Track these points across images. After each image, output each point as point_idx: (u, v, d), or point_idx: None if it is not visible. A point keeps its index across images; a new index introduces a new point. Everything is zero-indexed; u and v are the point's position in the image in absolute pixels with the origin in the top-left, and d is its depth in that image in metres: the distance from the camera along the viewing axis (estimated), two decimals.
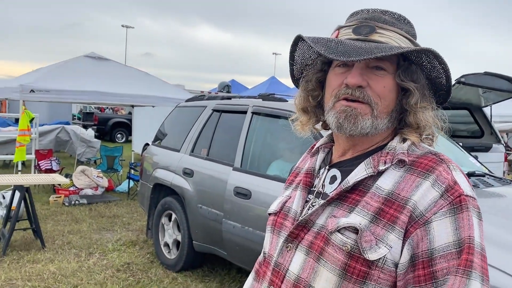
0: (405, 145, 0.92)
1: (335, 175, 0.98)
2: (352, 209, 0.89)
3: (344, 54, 0.85)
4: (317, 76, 1.00)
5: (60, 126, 10.57)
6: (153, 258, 4.50)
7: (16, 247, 4.56)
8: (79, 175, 7.53)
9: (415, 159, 0.90)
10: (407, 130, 0.94)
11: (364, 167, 0.92)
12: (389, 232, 0.84)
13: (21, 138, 6.66)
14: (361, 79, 0.89)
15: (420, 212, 0.83)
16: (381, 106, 0.91)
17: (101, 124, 16.95)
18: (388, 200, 0.86)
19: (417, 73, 0.93)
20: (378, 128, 0.92)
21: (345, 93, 0.91)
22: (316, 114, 1.03)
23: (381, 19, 0.93)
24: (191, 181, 3.98)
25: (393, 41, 0.91)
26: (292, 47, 1.00)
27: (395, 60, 0.92)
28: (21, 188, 4.56)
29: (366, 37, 0.91)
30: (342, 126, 0.91)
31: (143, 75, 8.75)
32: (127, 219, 6.04)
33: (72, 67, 7.70)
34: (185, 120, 4.51)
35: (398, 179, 0.88)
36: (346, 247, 0.85)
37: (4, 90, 7.19)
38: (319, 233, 0.90)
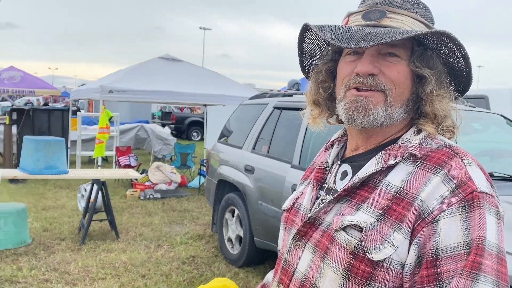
0: (417, 138, 0.86)
1: (346, 171, 0.93)
2: (359, 206, 0.84)
3: (352, 40, 0.80)
4: (327, 66, 0.96)
5: (139, 125, 11.22)
6: (217, 253, 4.62)
7: (94, 237, 4.92)
8: (154, 171, 7.94)
9: (428, 153, 0.84)
10: (423, 120, 0.87)
11: (375, 161, 0.86)
12: (395, 231, 0.78)
13: (100, 135, 7.18)
14: (371, 66, 0.84)
15: (428, 209, 0.77)
16: (395, 93, 0.85)
17: (178, 122, 17.74)
18: (396, 197, 0.81)
19: (433, 59, 0.86)
20: (393, 118, 0.86)
21: (356, 82, 0.86)
22: (329, 107, 0.98)
23: (393, 3, 0.87)
24: (252, 178, 4.02)
25: (405, 26, 0.85)
26: (300, 37, 0.96)
27: (409, 45, 0.86)
28: (98, 182, 4.90)
29: (376, 23, 0.85)
30: (353, 118, 0.86)
31: (213, 75, 9.00)
32: (196, 214, 6.25)
33: (148, 69, 8.13)
34: (247, 118, 4.57)
35: (408, 174, 0.82)
36: (350, 246, 0.81)
37: (87, 91, 7.79)
38: (326, 231, 0.86)
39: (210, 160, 5.11)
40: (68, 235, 4.97)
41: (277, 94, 4.53)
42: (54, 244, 4.64)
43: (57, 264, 4.10)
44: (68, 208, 6.17)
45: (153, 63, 8.47)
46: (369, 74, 0.84)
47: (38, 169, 4.55)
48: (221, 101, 8.23)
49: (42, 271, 3.93)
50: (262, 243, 3.90)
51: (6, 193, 6.86)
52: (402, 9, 0.86)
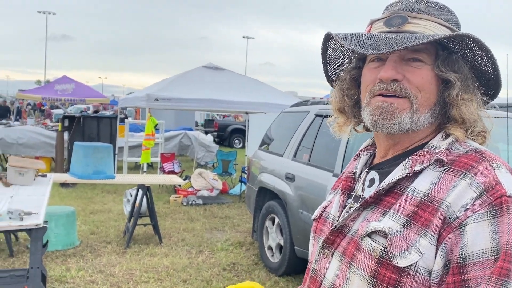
0: (444, 143, 0.84)
1: (374, 178, 0.92)
2: (386, 212, 0.83)
3: (374, 47, 0.79)
4: (351, 74, 0.95)
5: (183, 132, 11.46)
6: (257, 260, 4.62)
7: (138, 241, 5.05)
8: (197, 177, 8.08)
9: (456, 157, 0.82)
10: (451, 125, 0.86)
11: (402, 168, 0.85)
12: (421, 237, 0.77)
13: (146, 142, 7.40)
14: (394, 72, 0.83)
15: (454, 214, 0.75)
16: (421, 99, 0.84)
17: (220, 130, 17.97)
18: (423, 202, 0.79)
19: (458, 63, 0.85)
20: (420, 124, 0.85)
21: (379, 88, 0.85)
22: (354, 115, 0.97)
23: (415, 9, 0.86)
24: (292, 186, 4.00)
25: (428, 30, 0.84)
26: (323, 46, 0.96)
27: (433, 50, 0.85)
28: (143, 187, 5.04)
29: (398, 29, 0.85)
30: (378, 124, 0.85)
31: (255, 83, 9.07)
32: (237, 221, 6.29)
33: (192, 77, 8.32)
34: (288, 126, 4.56)
35: (434, 180, 0.80)
36: (376, 252, 0.79)
37: (134, 99, 8.06)
38: (352, 238, 0.86)
39: (251, 167, 5.14)
40: (114, 238, 5.14)
41: (318, 102, 4.50)
42: (101, 247, 4.80)
43: (103, 266, 4.24)
44: (115, 212, 6.38)
45: (197, 71, 8.65)
46: (393, 80, 0.83)
47: (87, 174, 4.74)
48: (263, 108, 8.27)
49: (89, 272, 4.08)
50: (303, 252, 3.86)
51: (57, 196, 7.19)
52: (425, 14, 0.86)
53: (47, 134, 9.55)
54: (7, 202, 3.21)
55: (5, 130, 9.51)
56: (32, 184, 3.94)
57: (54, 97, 13.74)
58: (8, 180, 3.88)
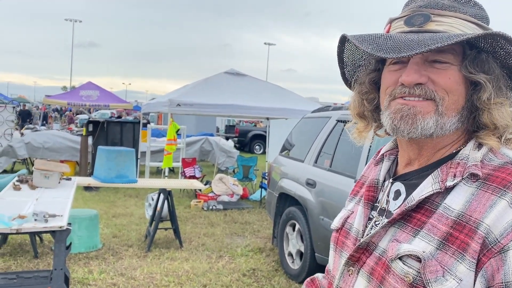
0: (479, 154, 0.77)
1: (399, 190, 0.85)
2: (417, 232, 0.77)
3: (394, 50, 0.73)
4: (370, 77, 0.90)
5: (204, 138, 11.54)
6: (277, 267, 4.59)
7: (159, 245, 5.09)
8: (217, 182, 8.11)
9: (491, 171, 0.75)
10: (483, 132, 0.79)
11: (431, 181, 0.79)
12: (458, 262, 0.71)
13: (168, 147, 7.47)
14: (417, 75, 0.77)
15: (494, 237, 0.69)
16: (448, 101, 0.77)
17: (241, 136, 18.02)
18: (458, 223, 0.73)
19: (488, 63, 0.78)
20: (445, 128, 0.78)
21: (401, 92, 0.79)
22: (375, 119, 0.91)
23: (439, 5, 0.79)
24: (313, 192, 3.96)
25: (454, 29, 0.77)
26: (339, 48, 0.89)
27: (460, 49, 0.78)
28: (165, 191, 5.08)
29: (420, 28, 0.78)
30: (398, 128, 0.79)
31: (276, 89, 9.07)
32: (257, 226, 6.27)
33: (213, 83, 8.38)
34: (310, 131, 4.53)
35: (469, 197, 0.74)
36: (408, 277, 0.73)
37: (157, 105, 8.17)
38: (380, 258, 0.80)
39: (271, 173, 5.12)
40: (135, 242, 5.19)
41: (340, 107, 4.46)
42: (122, 250, 4.86)
43: (124, 270, 4.28)
44: (136, 216, 6.45)
45: (218, 77, 8.71)
46: (416, 83, 0.77)
47: (110, 177, 4.81)
48: (284, 114, 8.25)
49: (110, 275, 4.12)
50: (324, 259, 3.81)
51: (81, 199, 7.32)
52: (450, 10, 0.78)
53: (72, 138, 9.77)
54: (33, 204, 3.28)
55: (32, 134, 9.77)
56: (57, 187, 4.02)
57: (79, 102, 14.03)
58: (34, 183, 3.97)
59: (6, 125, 10.02)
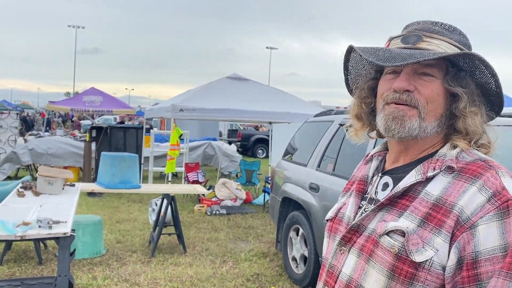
0: (454, 152, 0.94)
1: (387, 182, 1.02)
2: (401, 213, 0.92)
3: (390, 59, 0.90)
4: (369, 84, 1.06)
5: (207, 142, 11.55)
6: (281, 271, 4.58)
7: (163, 250, 5.09)
8: (221, 187, 8.11)
9: (464, 165, 0.92)
10: (456, 136, 0.96)
11: (415, 173, 0.95)
12: (436, 236, 0.87)
13: (171, 152, 7.48)
14: (407, 83, 0.93)
15: (466, 216, 0.85)
16: (428, 109, 0.94)
17: (244, 140, 18.03)
18: (436, 205, 0.89)
19: (466, 79, 0.95)
20: (427, 131, 0.95)
21: (393, 97, 0.95)
22: (370, 121, 1.08)
23: (430, 29, 0.97)
24: (317, 196, 3.96)
25: (439, 48, 0.94)
26: (345, 57, 1.07)
27: (444, 67, 0.95)
28: (168, 196, 5.09)
29: (413, 46, 0.95)
30: (390, 128, 0.95)
31: (279, 93, 9.08)
32: (261, 231, 6.27)
33: (216, 88, 8.40)
34: (312, 135, 4.53)
35: (446, 185, 0.91)
36: (394, 249, 0.89)
37: (160, 110, 8.19)
38: (370, 236, 0.95)
39: (274, 177, 5.12)
40: (139, 247, 5.19)
41: (343, 111, 4.46)
42: (126, 256, 4.86)
43: (128, 275, 4.28)
44: (140, 221, 6.46)
45: (221, 82, 8.73)
46: (405, 90, 0.93)
47: (113, 183, 4.82)
48: (286, 118, 8.26)
49: (114, 281, 4.13)
50: None
51: (84, 205, 7.33)
52: (439, 34, 0.96)
53: (75, 144, 9.79)
54: (37, 211, 3.29)
55: (35, 140, 9.80)
56: (61, 193, 4.03)
57: (82, 108, 14.09)
58: (38, 190, 3.98)
59: (10, 132, 10.07)
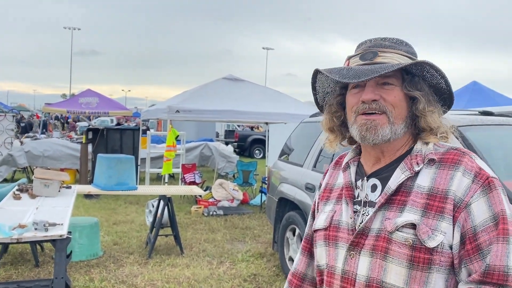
0: (430, 146, 1.06)
1: (375, 184, 1.10)
2: (402, 209, 1.02)
3: (355, 76, 1.02)
4: (337, 100, 1.17)
5: (204, 143, 11.55)
6: (278, 272, 4.59)
7: (160, 252, 5.09)
8: (218, 188, 8.11)
9: (442, 156, 1.05)
10: (424, 134, 1.07)
11: (400, 171, 1.05)
12: (440, 221, 0.98)
13: (167, 153, 7.49)
14: (373, 94, 1.05)
15: (459, 198, 0.99)
16: (395, 113, 1.06)
17: (241, 140, 18.03)
18: (430, 195, 1.00)
19: (420, 83, 1.07)
20: (397, 133, 1.06)
21: (363, 108, 1.06)
22: (342, 132, 1.19)
23: (382, 45, 1.09)
24: (313, 197, 3.97)
25: (394, 60, 1.06)
26: (313, 79, 1.18)
27: (400, 75, 1.07)
28: (165, 198, 5.09)
29: (371, 61, 1.07)
30: (365, 137, 1.06)
31: (275, 93, 9.10)
32: (258, 232, 6.28)
33: (212, 89, 8.40)
34: (308, 135, 4.55)
35: (433, 175, 1.02)
36: (408, 241, 0.98)
37: (156, 111, 8.19)
38: (379, 235, 1.03)
39: (271, 177, 5.13)
40: (136, 249, 5.19)
41: None
42: (123, 257, 4.86)
43: (125, 277, 4.29)
44: (137, 223, 6.46)
45: (217, 83, 8.74)
46: (372, 100, 1.05)
47: (110, 185, 4.82)
48: (283, 119, 8.27)
49: (111, 283, 4.13)
50: None
51: (81, 207, 7.33)
52: (390, 48, 1.09)
53: (72, 146, 9.78)
54: (33, 213, 3.29)
55: (32, 142, 9.78)
56: (57, 196, 4.03)
57: (79, 110, 14.06)
58: (34, 192, 3.98)
59: (6, 134, 10.05)
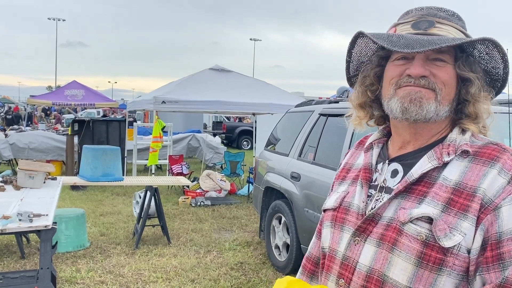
0: (467, 136, 0.95)
1: (397, 169, 0.99)
2: (421, 200, 0.91)
3: (408, 46, 0.89)
4: (375, 71, 1.03)
5: (191, 134, 11.53)
6: (265, 259, 4.64)
7: (147, 242, 5.11)
8: (205, 179, 8.13)
9: (478, 149, 0.93)
10: (466, 120, 0.96)
11: (427, 159, 0.94)
12: (461, 220, 0.87)
13: (154, 144, 7.47)
14: (423, 69, 0.93)
15: (489, 198, 0.87)
16: (444, 92, 0.94)
17: (229, 132, 18.03)
18: (456, 190, 0.89)
19: (474, 65, 0.96)
20: (440, 115, 0.94)
21: (407, 81, 0.94)
22: (372, 109, 1.07)
23: (437, 15, 0.97)
24: (298, 185, 4.02)
25: (450, 34, 0.94)
26: (351, 44, 1.04)
27: (453, 52, 0.95)
28: (151, 188, 5.10)
29: (425, 31, 0.95)
30: (407, 110, 0.93)
31: (262, 84, 9.10)
32: (245, 221, 6.33)
33: (198, 80, 8.38)
34: (293, 125, 4.58)
35: (463, 169, 0.91)
36: (421, 236, 0.88)
37: (142, 102, 8.14)
38: (390, 225, 0.93)
39: (257, 167, 5.17)
40: (123, 239, 5.20)
41: (323, 101, 4.52)
42: (110, 248, 4.87)
43: (112, 267, 4.30)
44: (124, 214, 6.46)
45: (203, 74, 8.71)
46: (422, 76, 0.93)
47: (96, 176, 4.81)
48: (269, 109, 8.29)
49: (98, 273, 4.14)
50: None
51: (68, 199, 7.29)
52: (447, 20, 0.97)
53: (57, 138, 9.69)
54: (17, 205, 3.28)
55: (16, 135, 9.66)
56: (42, 187, 4.01)
57: (64, 102, 13.90)
58: (19, 184, 3.95)
59: None
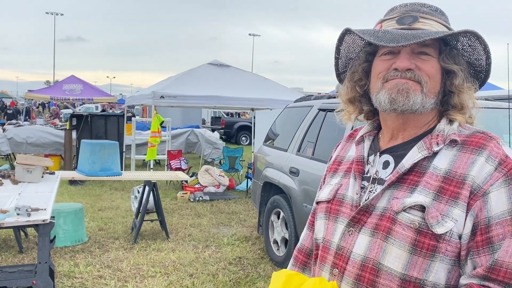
0: (454, 126, 0.98)
1: (388, 161, 1.02)
2: (413, 189, 0.94)
3: (393, 40, 0.92)
4: (363, 66, 1.06)
5: (189, 130, 11.52)
6: (263, 254, 4.65)
7: (145, 237, 5.11)
8: (204, 174, 8.13)
9: (465, 138, 0.96)
10: (453, 111, 0.99)
11: (417, 150, 0.97)
12: (452, 207, 0.90)
13: (152, 139, 7.46)
14: (409, 62, 0.96)
15: (478, 185, 0.90)
16: (430, 85, 0.96)
17: (227, 127, 18.02)
18: (446, 178, 0.92)
19: (458, 57, 0.99)
20: (426, 107, 0.97)
21: (394, 75, 0.97)
22: (361, 104, 1.09)
23: (421, 10, 1.00)
24: (296, 180, 4.02)
25: (433, 28, 0.98)
26: (339, 41, 1.07)
27: (437, 46, 0.98)
28: (150, 183, 5.09)
29: (409, 26, 0.98)
30: (395, 100, 0.96)
31: (261, 79, 9.09)
32: (243, 216, 6.33)
33: (197, 75, 8.35)
34: (292, 120, 4.57)
35: (452, 158, 0.94)
36: (414, 224, 0.91)
37: (140, 97, 8.12)
38: (383, 214, 0.95)
39: (256, 162, 5.16)
40: (122, 234, 5.20)
41: (322, 96, 4.51)
42: (109, 243, 4.87)
43: (111, 262, 4.30)
44: (123, 209, 6.45)
45: (202, 69, 8.68)
46: (407, 69, 0.96)
47: (94, 171, 4.80)
48: (268, 105, 8.28)
49: (96, 267, 4.14)
50: None
51: (66, 194, 7.28)
52: (430, 15, 1.00)
53: (56, 133, 9.67)
54: (15, 199, 3.27)
55: (14, 129, 9.64)
56: (40, 182, 4.00)
57: (62, 96, 13.87)
58: (17, 178, 3.94)
59: None
